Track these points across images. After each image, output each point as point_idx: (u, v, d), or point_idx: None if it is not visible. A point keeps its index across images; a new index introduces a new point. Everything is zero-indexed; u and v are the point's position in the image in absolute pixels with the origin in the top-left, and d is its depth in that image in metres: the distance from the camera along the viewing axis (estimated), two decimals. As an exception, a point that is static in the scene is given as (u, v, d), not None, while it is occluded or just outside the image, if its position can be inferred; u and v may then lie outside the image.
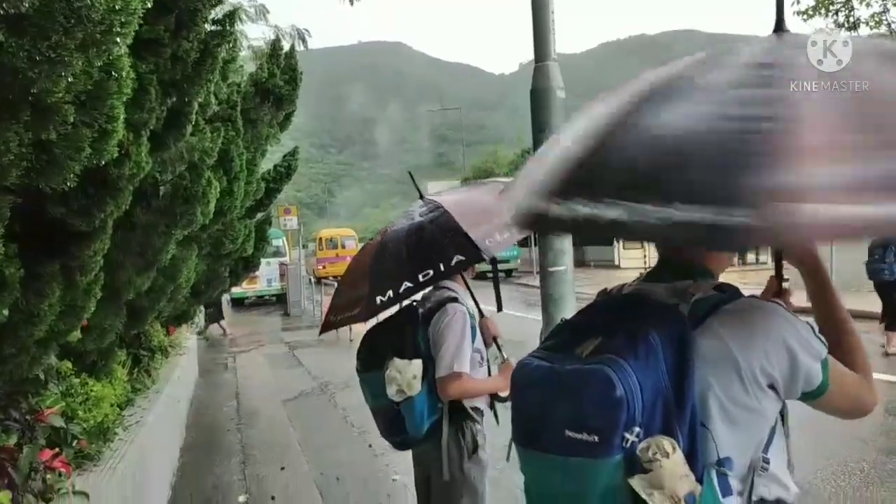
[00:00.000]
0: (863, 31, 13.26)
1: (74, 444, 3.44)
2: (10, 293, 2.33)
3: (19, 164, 1.96)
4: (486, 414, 2.68)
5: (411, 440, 2.57)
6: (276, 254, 20.27)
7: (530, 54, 4.07)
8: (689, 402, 1.19)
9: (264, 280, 20.52)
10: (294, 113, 7.51)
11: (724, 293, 1.32)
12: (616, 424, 1.13)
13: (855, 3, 13.76)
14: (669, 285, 1.35)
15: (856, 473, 4.79)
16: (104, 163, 2.33)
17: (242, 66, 7.75)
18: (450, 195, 2.76)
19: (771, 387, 1.26)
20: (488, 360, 2.72)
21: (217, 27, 3.54)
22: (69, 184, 2.14)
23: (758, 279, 1.71)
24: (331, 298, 2.92)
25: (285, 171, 8.73)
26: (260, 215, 8.79)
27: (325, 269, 25.58)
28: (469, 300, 2.70)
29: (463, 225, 2.40)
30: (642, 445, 1.13)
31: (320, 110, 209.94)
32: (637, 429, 1.14)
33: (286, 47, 7.71)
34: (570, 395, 1.18)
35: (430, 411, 2.48)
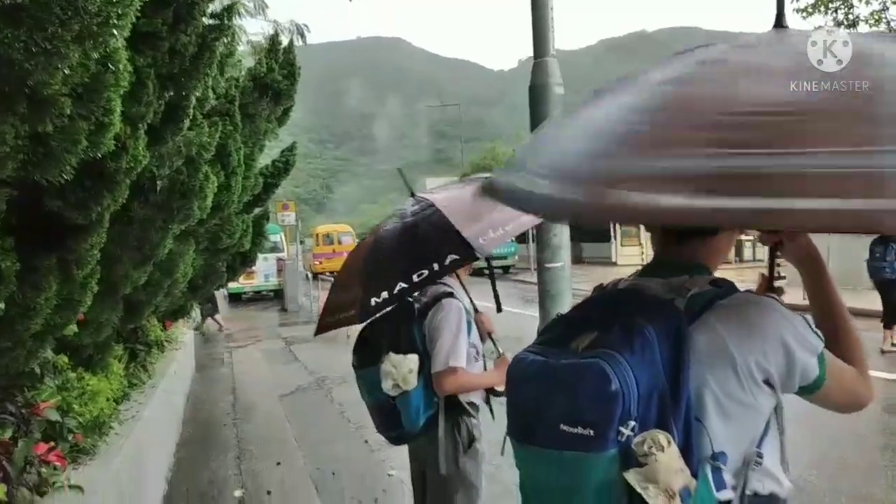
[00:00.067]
0: (862, 28, 13.26)
1: (70, 438, 3.44)
2: (7, 286, 2.32)
3: (16, 157, 1.95)
4: (482, 409, 2.69)
5: (407, 435, 2.57)
6: (274, 249, 20.27)
7: (529, 51, 4.07)
8: (684, 397, 1.19)
9: (262, 275, 20.52)
10: (292, 108, 7.50)
11: (720, 288, 1.33)
12: (611, 418, 1.13)
13: (854, 1, 13.77)
14: (665, 280, 1.36)
15: (853, 470, 4.80)
16: (101, 156, 2.33)
17: (241, 60, 7.75)
18: (441, 192, 2.72)
19: (766, 382, 1.27)
20: (484, 355, 2.73)
21: (215, 21, 3.53)
22: (66, 177, 2.14)
23: (754, 276, 1.72)
24: (325, 299, 2.90)
25: (283, 167, 8.73)
26: (257, 210, 8.78)
27: (321, 264, 25.76)
28: (464, 296, 2.70)
29: (455, 223, 2.37)
30: (638, 439, 1.13)
31: (319, 106, 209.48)
32: (632, 423, 1.14)
33: (285, 42, 7.70)
34: (566, 390, 1.18)
35: (426, 406, 2.48)
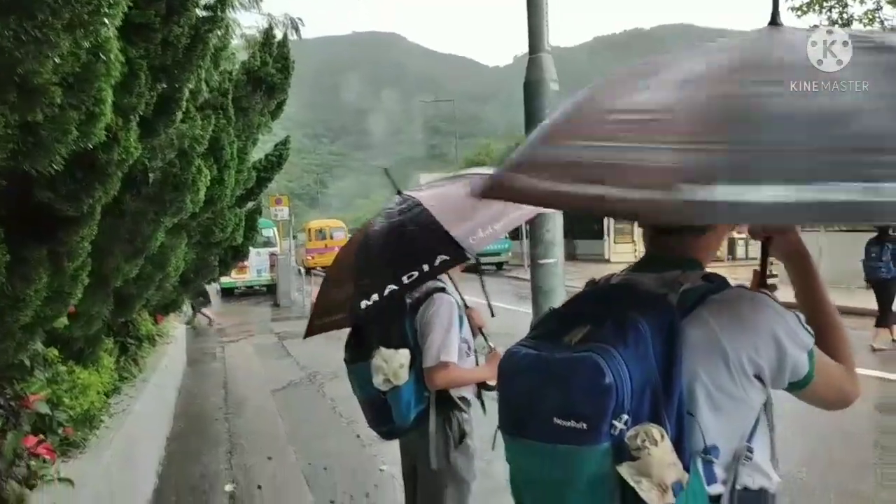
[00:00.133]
0: (856, 27, 13.31)
1: (60, 431, 3.43)
2: (-4, 277, 2.30)
3: (5, 146, 1.93)
4: (474, 404, 2.68)
5: (398, 430, 2.57)
6: (267, 244, 20.22)
7: (525, 47, 4.06)
8: (677, 391, 1.19)
9: (254, 270, 20.46)
10: (286, 102, 7.49)
11: (713, 283, 1.33)
12: (604, 412, 1.13)
13: (848, 0, 13.82)
14: (658, 275, 1.35)
15: (843, 467, 4.83)
16: (92, 147, 2.30)
17: (234, 53, 7.69)
18: (427, 190, 2.67)
19: (757, 377, 1.27)
20: (476, 350, 2.72)
21: (208, 13, 3.51)
22: (56, 167, 2.11)
23: (747, 274, 1.72)
24: (314, 300, 2.87)
25: (276, 161, 8.70)
26: (250, 204, 8.76)
27: (313, 259, 25.78)
28: (455, 291, 2.69)
29: (444, 223, 2.33)
30: (631, 433, 1.13)
31: (314, 100, 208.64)
32: (625, 416, 1.14)
33: (279, 36, 7.66)
34: (559, 383, 1.18)
35: (417, 401, 2.48)
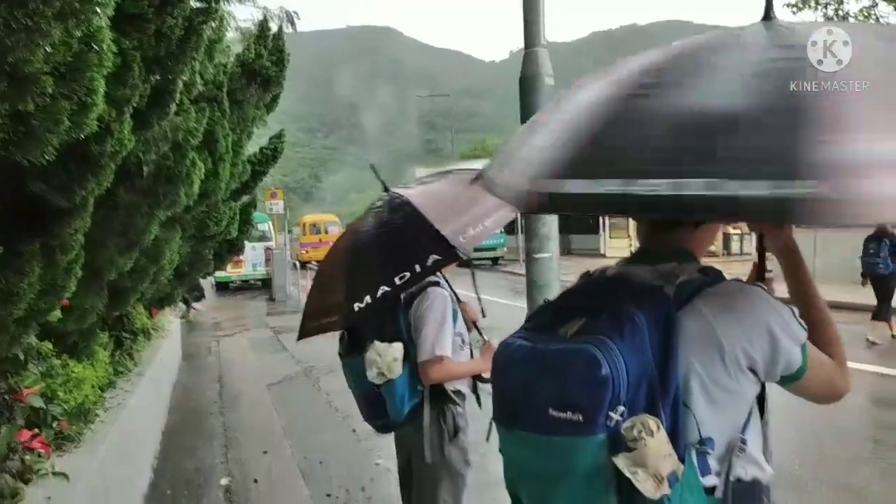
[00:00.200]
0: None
1: (54, 425, 3.42)
2: (-12, 270, 2.29)
3: (-4, 136, 1.92)
4: (469, 397, 2.68)
5: (393, 423, 2.57)
6: (262, 238, 20.21)
7: (521, 42, 4.03)
8: (673, 382, 1.19)
9: (249, 264, 20.45)
10: (280, 95, 7.47)
11: (709, 276, 1.33)
12: (601, 403, 1.13)
13: (844, -3, 13.82)
14: (653, 267, 1.35)
15: (836, 461, 4.85)
16: (84, 138, 2.29)
17: (229, 46, 7.65)
18: (416, 188, 2.64)
19: (751, 369, 1.27)
20: (470, 343, 2.72)
21: (203, 4, 3.48)
22: (48, 157, 2.10)
23: (743, 270, 1.72)
24: (305, 301, 2.84)
25: (271, 154, 8.69)
26: (245, 198, 8.74)
27: (308, 253, 26.05)
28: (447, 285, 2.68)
29: (434, 222, 2.31)
30: (627, 424, 1.13)
31: (309, 94, 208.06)
32: (621, 408, 1.13)
33: (274, 28, 7.63)
34: (555, 375, 1.18)
35: (411, 394, 2.48)
